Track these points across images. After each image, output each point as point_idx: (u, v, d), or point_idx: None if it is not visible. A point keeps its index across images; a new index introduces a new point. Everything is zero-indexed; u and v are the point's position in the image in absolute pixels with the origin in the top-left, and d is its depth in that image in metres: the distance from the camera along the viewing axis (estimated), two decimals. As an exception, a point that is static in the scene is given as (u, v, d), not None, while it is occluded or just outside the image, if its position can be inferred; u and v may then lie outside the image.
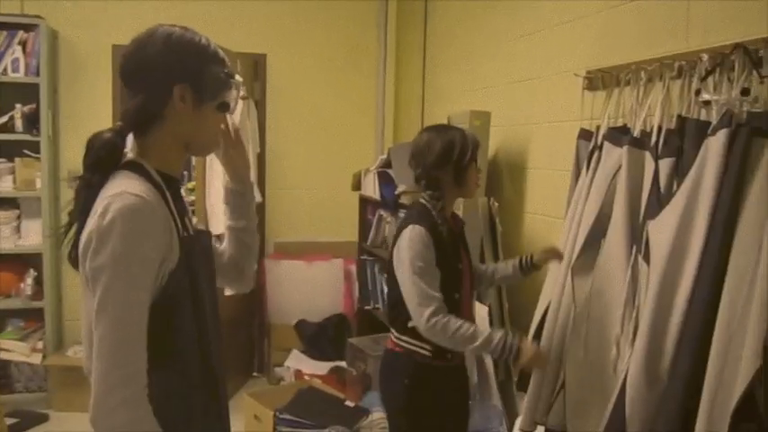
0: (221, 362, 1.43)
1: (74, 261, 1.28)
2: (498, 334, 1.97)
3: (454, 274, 2.13)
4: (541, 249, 2.29)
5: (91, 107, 4.28)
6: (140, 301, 1.19)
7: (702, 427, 1.54)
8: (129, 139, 1.33)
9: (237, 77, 1.42)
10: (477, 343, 1.97)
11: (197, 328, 1.32)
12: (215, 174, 3.75)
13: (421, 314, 1.98)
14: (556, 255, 2.22)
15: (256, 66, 4.53)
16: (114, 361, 1.15)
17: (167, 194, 1.30)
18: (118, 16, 4.27)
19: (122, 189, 1.20)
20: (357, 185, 4.07)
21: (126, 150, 1.32)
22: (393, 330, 2.20)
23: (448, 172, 2.12)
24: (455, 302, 2.10)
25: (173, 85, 1.28)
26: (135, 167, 1.29)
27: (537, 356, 2.00)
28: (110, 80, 4.31)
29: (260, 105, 4.58)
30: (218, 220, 3.70)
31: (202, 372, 1.34)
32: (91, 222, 1.19)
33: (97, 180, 1.26)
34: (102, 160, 1.27)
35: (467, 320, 2.01)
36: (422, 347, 2.10)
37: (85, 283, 1.22)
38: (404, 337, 2.14)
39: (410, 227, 2.06)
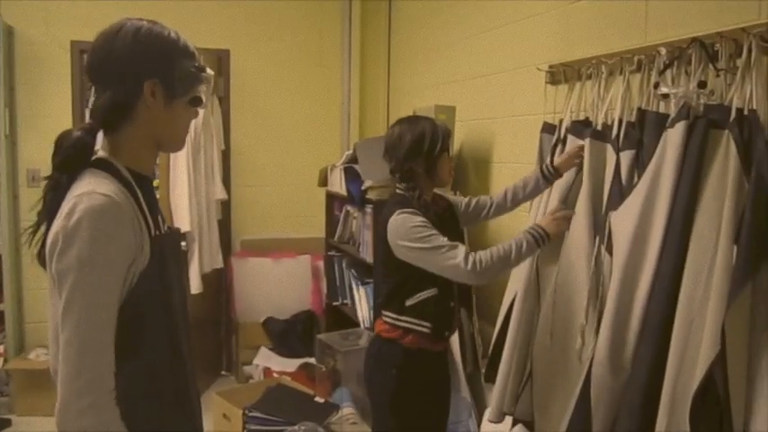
0: (192, 360, 1.41)
1: (43, 261, 1.24)
2: (523, 236, 1.99)
3: None
4: (562, 155, 2.20)
5: (50, 104, 4.19)
6: (106, 303, 1.17)
7: (665, 413, 1.59)
8: (100, 136, 1.30)
9: (209, 71, 1.39)
10: (513, 254, 1.96)
11: (168, 326, 1.30)
12: (179, 171, 3.71)
13: (457, 267, 1.95)
14: (577, 156, 2.12)
15: (220, 61, 4.48)
16: (80, 365, 1.13)
17: (138, 193, 1.28)
18: (77, 11, 4.19)
19: (91, 188, 1.18)
20: (323, 181, 4.06)
21: (96, 148, 1.29)
22: (389, 314, 2.19)
23: (420, 163, 2.14)
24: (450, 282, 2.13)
25: (143, 81, 1.26)
26: (105, 165, 1.26)
27: (561, 220, 2.03)
28: (69, 76, 4.23)
29: (224, 102, 4.53)
30: (183, 216, 3.66)
31: (174, 370, 1.33)
32: (58, 223, 1.16)
33: (66, 180, 1.23)
34: (72, 159, 1.24)
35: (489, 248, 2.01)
36: (421, 325, 2.13)
37: (52, 285, 1.19)
38: (403, 317, 2.15)
39: (395, 213, 2.07)
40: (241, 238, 4.70)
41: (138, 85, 1.26)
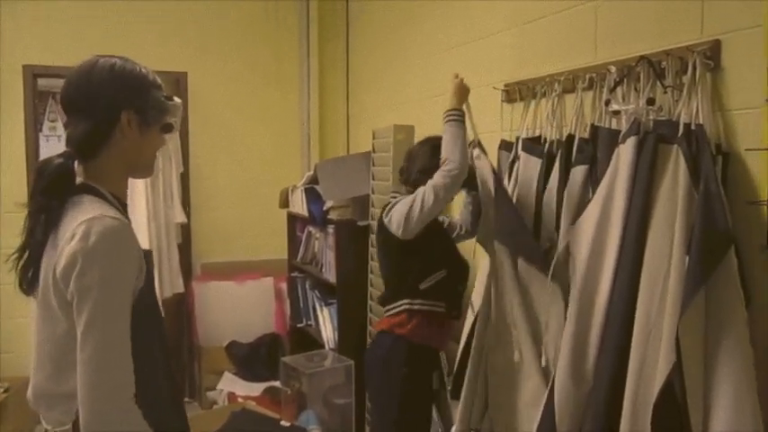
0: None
1: (28, 287, 1.35)
2: (445, 128, 2.22)
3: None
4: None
5: (2, 130, 4.10)
6: (125, 318, 1.27)
7: (627, 422, 1.61)
8: None
9: (176, 99, 1.52)
10: (449, 150, 2.17)
11: (160, 336, 1.44)
12: (137, 194, 3.66)
13: (424, 196, 2.16)
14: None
15: (178, 84, 4.45)
16: (106, 377, 1.23)
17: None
18: (29, 36, 4.13)
19: (99, 212, 1.28)
20: (285, 203, 4.05)
21: None
22: (403, 301, 2.38)
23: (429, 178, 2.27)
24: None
25: (120, 111, 1.37)
26: (93, 191, 1.36)
27: (458, 88, 2.26)
28: (21, 102, 4.15)
29: (182, 124, 4.47)
30: (142, 240, 3.60)
31: (168, 377, 1.44)
32: (73, 245, 1.24)
33: (56, 204, 1.32)
34: (56, 184, 1.32)
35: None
36: (437, 305, 2.37)
37: (57, 305, 1.28)
38: (417, 301, 2.35)
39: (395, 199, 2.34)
40: (202, 262, 4.64)
41: (116, 114, 1.37)
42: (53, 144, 6.45)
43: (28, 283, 1.35)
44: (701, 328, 1.53)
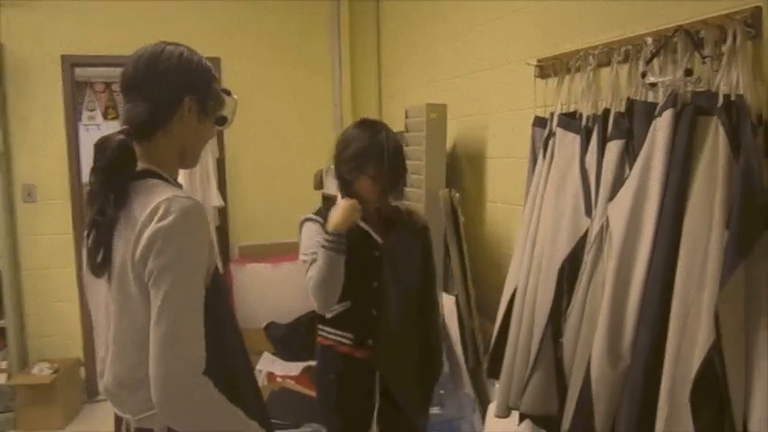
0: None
1: (98, 268, 1.36)
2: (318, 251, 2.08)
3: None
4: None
5: (43, 119, 4.20)
6: (200, 296, 1.31)
7: (665, 399, 1.60)
8: None
9: (234, 96, 1.59)
10: (321, 271, 2.06)
11: (231, 316, 1.50)
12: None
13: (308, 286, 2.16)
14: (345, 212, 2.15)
15: (211, 69, 4.49)
16: (180, 351, 1.26)
17: None
18: (67, 26, 4.21)
19: (173, 194, 1.31)
20: (318, 184, 4.07)
21: None
22: (319, 325, 2.42)
23: None
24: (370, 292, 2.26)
25: (183, 97, 1.41)
26: (157, 175, 1.40)
27: (342, 212, 2.09)
28: (60, 91, 4.24)
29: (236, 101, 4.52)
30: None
31: (243, 357, 1.51)
32: (152, 226, 1.27)
33: (121, 181, 1.34)
34: (120, 161, 1.35)
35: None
36: (344, 336, 2.31)
37: (138, 291, 1.30)
38: (326, 329, 2.38)
39: None
40: (239, 245, 4.70)
41: (179, 99, 1.41)
42: (93, 133, 6.59)
43: (99, 263, 1.36)
44: (740, 304, 1.50)
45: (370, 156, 2.15)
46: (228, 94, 1.55)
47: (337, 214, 2.09)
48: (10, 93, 4.16)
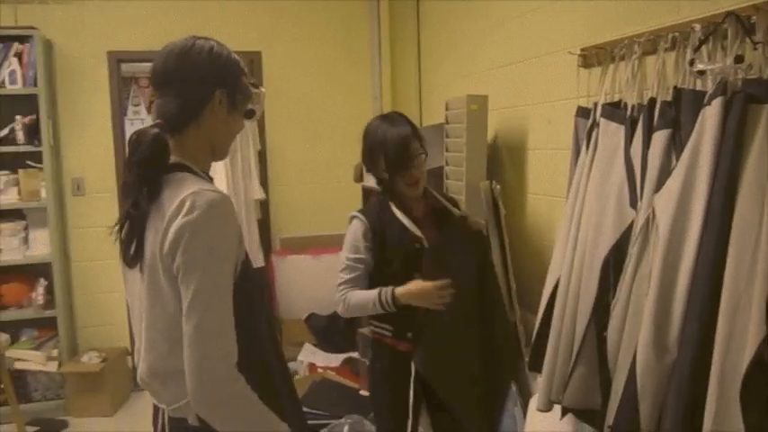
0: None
1: (132, 259, 1.38)
2: (376, 296, 2.14)
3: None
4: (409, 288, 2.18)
5: (90, 114, 4.31)
6: (229, 287, 1.32)
7: (714, 394, 1.56)
8: None
9: (261, 88, 1.58)
10: (368, 307, 2.17)
11: (263, 309, 1.50)
12: (217, 172, 3.76)
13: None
14: (421, 295, 2.15)
15: (252, 64, 4.54)
16: (212, 344, 1.28)
17: None
18: (111, 23, 4.30)
19: (199, 187, 1.32)
20: (359, 177, 4.08)
21: None
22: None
23: None
24: None
25: (215, 89, 1.43)
26: (187, 169, 1.41)
27: (417, 295, 2.11)
28: (107, 86, 4.34)
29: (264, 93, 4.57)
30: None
31: (274, 347, 1.51)
32: (178, 220, 1.28)
33: (156, 175, 1.36)
34: (155, 155, 1.37)
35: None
36: (384, 328, 2.32)
37: (167, 282, 1.31)
38: (373, 322, 2.35)
39: None
40: (280, 237, 4.75)
41: (210, 93, 1.43)
42: (137, 127, 6.72)
43: (131, 255, 1.38)
44: (794, 298, 1.46)
45: (375, 152, 2.24)
46: (256, 86, 1.56)
47: (413, 294, 2.12)
48: (60, 89, 4.27)
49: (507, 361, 2.34)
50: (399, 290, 2.13)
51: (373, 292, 2.16)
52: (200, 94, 1.42)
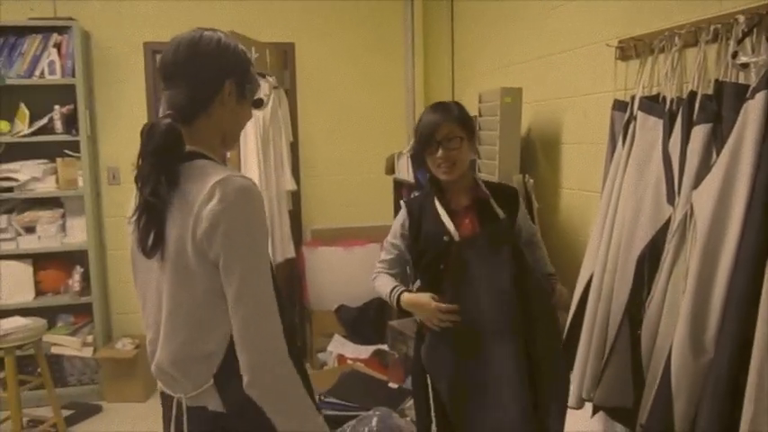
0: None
1: (150, 249, 1.37)
2: (390, 289, 2.20)
3: None
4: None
5: (126, 104, 4.36)
6: (270, 272, 1.36)
7: (752, 399, 1.52)
8: None
9: (269, 78, 1.57)
10: (382, 294, 2.25)
11: (280, 300, 1.49)
12: (250, 164, 3.77)
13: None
14: (427, 311, 2.11)
15: (285, 55, 4.55)
16: (266, 330, 1.32)
17: None
18: (147, 14, 4.34)
19: (227, 174, 1.33)
20: (390, 169, 4.08)
21: None
22: None
23: None
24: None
25: (224, 80, 1.44)
26: (205, 156, 1.42)
27: (421, 307, 2.11)
28: (143, 77, 4.39)
29: (290, 94, 4.60)
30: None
31: (289, 336, 1.49)
32: (213, 206, 1.29)
33: (172, 163, 1.37)
34: (170, 144, 1.37)
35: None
36: None
37: (197, 264, 1.32)
38: None
39: None
40: (311, 228, 4.77)
41: (219, 83, 1.44)
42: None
43: (150, 245, 1.37)
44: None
45: (415, 134, 2.26)
46: (263, 77, 1.60)
47: (416, 306, 2.14)
48: (96, 79, 4.34)
49: (546, 383, 2.07)
50: (406, 296, 2.15)
51: (389, 286, 2.21)
52: (209, 85, 1.44)
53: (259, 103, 1.61)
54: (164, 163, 1.36)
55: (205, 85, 1.43)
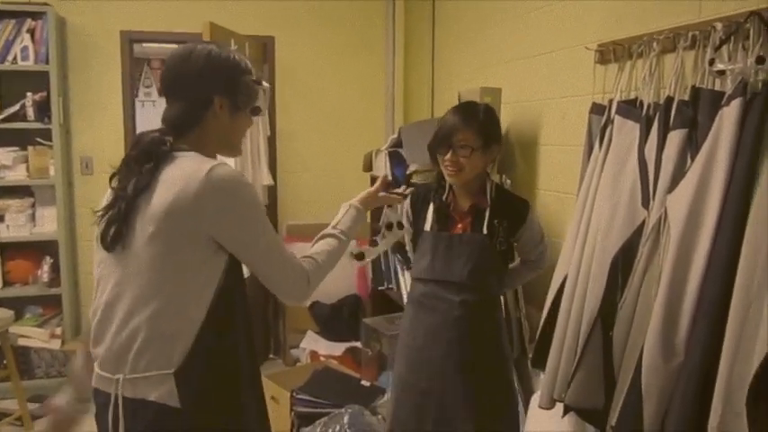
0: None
1: (111, 243, 1.42)
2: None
3: None
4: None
5: (101, 93, 4.30)
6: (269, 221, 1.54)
7: (720, 400, 1.54)
8: None
9: (265, 84, 1.62)
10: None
11: (244, 301, 1.62)
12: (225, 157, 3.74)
13: None
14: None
15: (265, 48, 4.51)
16: (287, 265, 1.58)
17: None
18: (125, 2, 4.27)
19: (211, 164, 1.41)
20: (368, 166, 4.06)
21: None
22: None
23: None
24: None
25: (214, 96, 1.49)
26: (185, 150, 1.48)
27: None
28: (119, 66, 4.32)
29: (269, 89, 4.56)
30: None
31: (248, 343, 1.62)
32: (188, 188, 1.37)
33: (149, 169, 1.42)
34: (154, 152, 1.44)
35: None
36: None
37: (183, 235, 1.38)
38: None
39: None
40: (287, 223, 4.75)
41: (209, 99, 1.49)
42: (148, 109, 6.72)
43: (110, 238, 1.42)
44: (807, 305, 1.43)
45: (434, 133, 2.31)
46: (260, 83, 1.60)
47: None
48: (71, 67, 4.26)
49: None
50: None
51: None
52: (199, 100, 1.48)
53: (257, 111, 1.63)
54: (141, 168, 1.42)
55: (195, 101, 1.48)
